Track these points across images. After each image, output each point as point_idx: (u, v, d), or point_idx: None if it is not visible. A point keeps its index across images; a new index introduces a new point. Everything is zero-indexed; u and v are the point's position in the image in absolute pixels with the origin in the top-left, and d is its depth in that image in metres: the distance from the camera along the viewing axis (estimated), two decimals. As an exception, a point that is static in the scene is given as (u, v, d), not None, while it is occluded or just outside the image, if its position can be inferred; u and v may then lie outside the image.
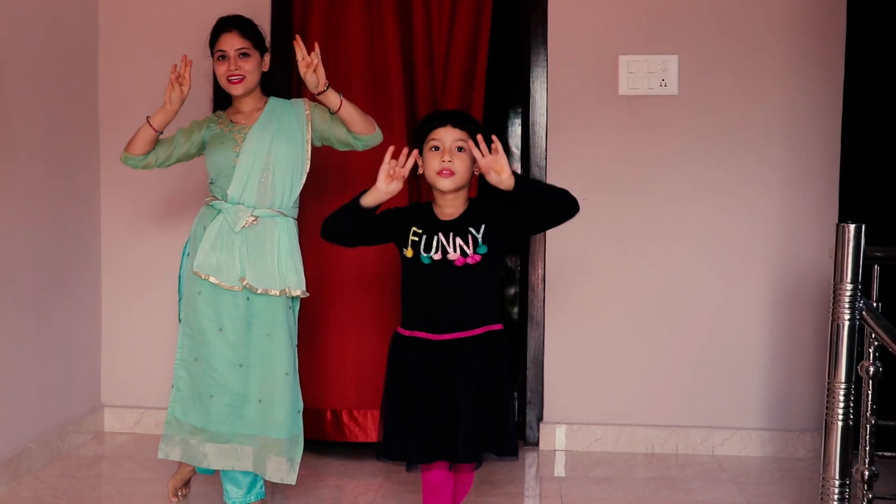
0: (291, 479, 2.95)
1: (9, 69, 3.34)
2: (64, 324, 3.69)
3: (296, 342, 3.03)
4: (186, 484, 3.23)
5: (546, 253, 3.85)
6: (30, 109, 3.43)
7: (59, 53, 3.69)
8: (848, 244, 2.58)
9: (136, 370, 3.99)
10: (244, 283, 2.89)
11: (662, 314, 3.85)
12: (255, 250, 2.92)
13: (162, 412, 3.85)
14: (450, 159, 2.46)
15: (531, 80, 3.83)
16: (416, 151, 2.50)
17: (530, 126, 3.83)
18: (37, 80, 3.52)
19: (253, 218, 2.92)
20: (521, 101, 3.96)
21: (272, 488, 3.31)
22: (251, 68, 2.95)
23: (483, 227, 2.48)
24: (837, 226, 2.61)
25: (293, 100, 3.08)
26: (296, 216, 3.03)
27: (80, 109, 3.85)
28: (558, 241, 3.84)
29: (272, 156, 2.94)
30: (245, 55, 2.94)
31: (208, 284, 2.91)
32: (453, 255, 2.47)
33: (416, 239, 2.51)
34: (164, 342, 3.89)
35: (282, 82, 3.26)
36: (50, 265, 3.57)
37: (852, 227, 2.56)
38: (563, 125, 3.83)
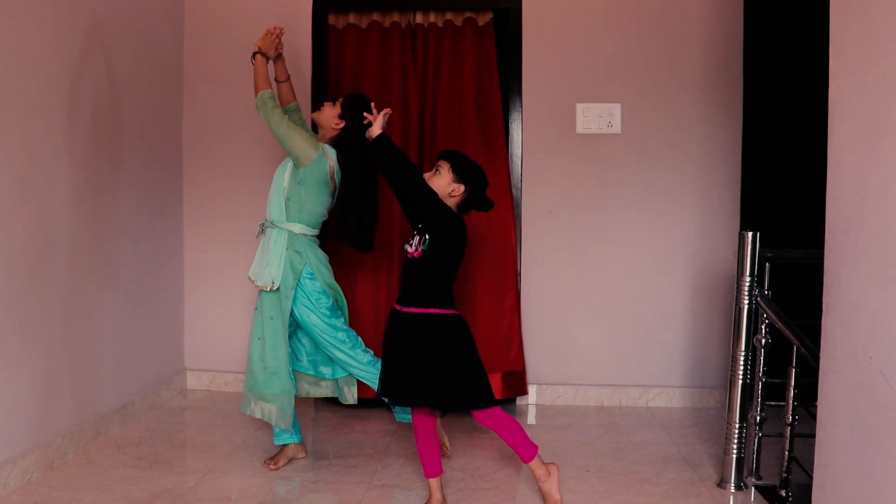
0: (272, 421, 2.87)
1: (124, 109, 3.35)
2: (156, 307, 3.71)
3: (286, 323, 2.83)
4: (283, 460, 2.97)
5: (521, 255, 3.83)
6: (131, 145, 3.44)
7: (154, 96, 3.66)
8: (747, 247, 2.65)
9: (211, 342, 3.99)
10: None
11: (610, 300, 3.85)
12: (260, 252, 2.89)
13: (230, 374, 3.97)
14: (429, 176, 2.47)
15: (510, 121, 3.83)
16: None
17: (509, 157, 3.81)
18: (139, 119, 3.50)
19: (261, 229, 2.92)
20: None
21: (313, 434, 3.35)
22: (319, 113, 2.98)
23: (428, 236, 2.44)
24: (739, 233, 2.68)
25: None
26: (297, 231, 2.85)
27: (168, 146, 3.83)
28: (531, 245, 3.84)
29: (273, 181, 2.91)
30: (319, 106, 3.02)
31: None
32: (408, 249, 2.46)
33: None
34: (232, 321, 3.92)
35: (350, 132, 2.92)
36: (145, 263, 3.59)
37: (750, 234, 2.64)
38: (535, 156, 3.83)
